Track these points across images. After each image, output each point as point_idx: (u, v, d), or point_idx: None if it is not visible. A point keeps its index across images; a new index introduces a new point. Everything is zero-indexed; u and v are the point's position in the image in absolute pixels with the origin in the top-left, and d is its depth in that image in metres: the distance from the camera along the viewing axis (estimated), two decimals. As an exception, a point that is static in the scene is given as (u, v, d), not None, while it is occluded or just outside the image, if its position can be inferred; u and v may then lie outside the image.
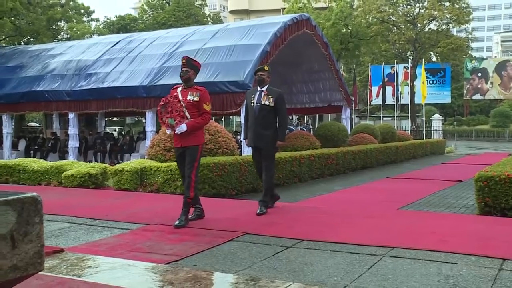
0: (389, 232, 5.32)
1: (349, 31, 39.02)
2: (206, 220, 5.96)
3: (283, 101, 6.73)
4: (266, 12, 59.34)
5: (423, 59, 32.55)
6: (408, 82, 40.70)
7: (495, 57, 68.14)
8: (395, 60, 36.29)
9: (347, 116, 18.29)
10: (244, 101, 7.11)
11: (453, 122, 51.76)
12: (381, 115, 30.04)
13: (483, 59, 55.83)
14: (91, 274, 3.84)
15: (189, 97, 5.87)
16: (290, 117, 25.69)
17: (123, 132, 24.18)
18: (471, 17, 42.38)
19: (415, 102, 39.73)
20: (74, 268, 3.98)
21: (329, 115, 28.54)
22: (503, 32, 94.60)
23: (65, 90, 15.29)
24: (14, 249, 1.84)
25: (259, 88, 6.68)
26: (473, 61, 51.93)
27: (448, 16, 39.94)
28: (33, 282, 3.29)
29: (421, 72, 27.11)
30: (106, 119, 24.96)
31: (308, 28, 14.74)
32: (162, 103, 5.87)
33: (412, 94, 39.80)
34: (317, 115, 29.36)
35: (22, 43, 30.32)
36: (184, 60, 6.03)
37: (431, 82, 43.94)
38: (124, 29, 41.91)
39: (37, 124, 38.21)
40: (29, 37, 31.24)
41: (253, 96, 6.66)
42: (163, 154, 9.24)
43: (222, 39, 13.93)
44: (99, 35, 35.70)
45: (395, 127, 23.83)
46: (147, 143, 11.99)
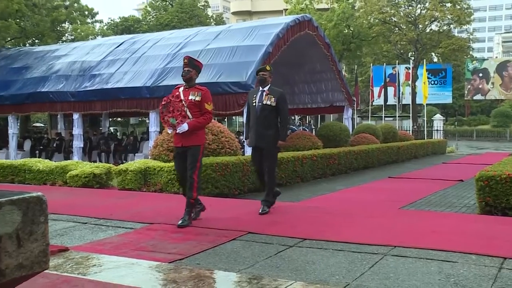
0: (391, 231, 5.32)
1: (351, 32, 38.97)
2: (209, 220, 5.97)
3: (285, 101, 6.68)
4: (269, 14, 59.28)
5: (425, 60, 32.51)
6: (410, 83, 40.58)
7: (496, 58, 67.96)
8: (397, 61, 36.27)
9: (349, 116, 18.27)
10: (247, 102, 7.09)
11: (454, 122, 51.63)
12: (383, 115, 30.03)
13: (484, 60, 55.71)
14: (96, 273, 3.85)
15: (191, 97, 5.83)
16: (293, 117, 25.62)
17: (126, 132, 24.18)
18: (472, 18, 42.31)
19: (417, 103, 39.66)
20: (79, 267, 3.99)
21: (331, 115, 28.53)
22: (504, 33, 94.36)
23: (70, 91, 15.32)
24: (20, 248, 1.85)
25: (261, 88, 6.64)
26: (474, 62, 51.81)
27: (449, 17, 39.88)
28: (39, 281, 3.30)
29: (423, 73, 27.06)
30: (110, 120, 25.01)
31: (310, 29, 14.73)
32: (164, 103, 5.82)
33: (414, 95, 39.71)
34: (319, 116, 29.31)
35: (27, 45, 30.37)
36: (186, 60, 5.99)
37: (433, 83, 43.87)
38: (128, 31, 41.91)
39: (42, 125, 38.27)
40: (34, 39, 31.31)
41: (255, 96, 6.62)
42: (167, 154, 9.25)
43: (225, 40, 13.93)
44: (103, 37, 35.75)
45: (397, 127, 23.81)
46: (151, 143, 12.00)
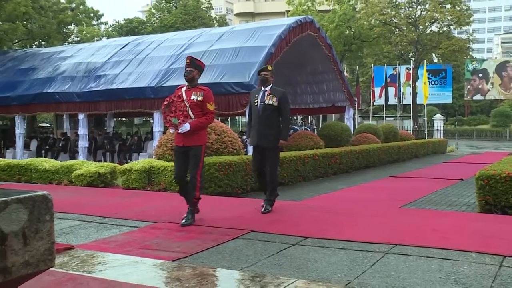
0: (392, 230, 5.31)
1: (352, 33, 38.94)
2: (212, 218, 5.96)
3: (287, 101, 6.65)
4: (271, 15, 59.22)
5: (425, 60, 32.45)
6: (410, 83, 40.52)
7: (496, 58, 67.77)
8: (397, 61, 36.21)
9: (350, 116, 18.26)
10: (249, 101, 7.06)
11: (454, 122, 51.50)
12: (384, 115, 30.00)
13: (484, 60, 55.55)
14: (101, 271, 3.85)
15: (193, 97, 5.77)
16: (295, 117, 25.62)
17: (131, 132, 24.20)
18: (472, 19, 42.24)
19: (417, 103, 39.58)
20: (84, 265, 3.99)
21: (333, 115, 28.56)
22: (503, 34, 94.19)
23: (75, 92, 15.35)
24: (26, 246, 1.85)
25: (263, 88, 6.60)
26: (474, 62, 51.68)
27: (449, 18, 39.81)
28: (45, 278, 3.31)
29: (423, 73, 27.01)
30: (115, 120, 25.04)
31: (312, 30, 14.72)
32: (166, 103, 5.79)
33: (414, 95, 39.61)
34: (321, 115, 29.33)
35: (34, 46, 30.46)
36: (188, 60, 5.94)
37: (433, 83, 43.76)
38: (132, 32, 41.97)
39: (48, 125, 38.35)
40: (41, 40, 31.39)
41: (257, 96, 6.58)
42: (170, 154, 9.24)
43: (228, 41, 13.94)
44: (108, 38, 35.81)
45: (398, 127, 23.77)
46: (155, 143, 12.01)
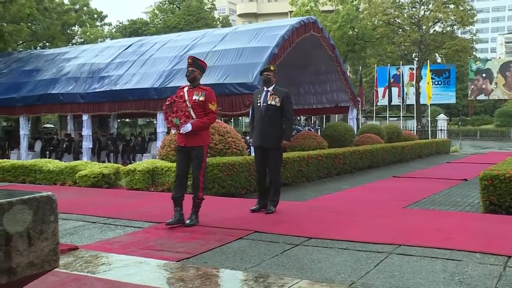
0: (395, 230, 5.30)
1: (355, 34, 38.89)
2: (216, 219, 5.96)
3: (290, 101, 6.61)
4: (274, 16, 59.26)
5: (428, 60, 32.37)
6: (414, 83, 40.55)
7: (499, 58, 67.63)
8: (401, 62, 36.14)
9: (354, 117, 18.25)
10: (252, 102, 7.00)
11: (458, 122, 51.41)
12: (387, 116, 29.91)
13: (487, 60, 55.41)
14: (105, 271, 3.85)
15: (195, 97, 5.73)
16: (298, 118, 25.63)
17: (134, 133, 24.23)
18: (475, 19, 42.13)
19: (421, 103, 39.56)
20: (89, 265, 4.00)
21: (336, 116, 28.44)
22: (507, 34, 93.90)
23: (79, 93, 15.38)
24: (31, 247, 1.86)
25: (265, 88, 6.57)
26: (478, 62, 51.58)
27: (453, 18, 39.68)
28: (49, 279, 3.32)
29: (426, 73, 26.97)
30: (119, 121, 25.08)
31: (315, 31, 14.71)
32: (168, 103, 5.76)
33: (418, 95, 39.64)
34: (324, 116, 29.28)
35: (38, 48, 30.54)
36: (190, 60, 5.92)
37: (436, 83, 43.68)
38: (136, 33, 42.04)
39: (52, 126, 38.43)
40: (45, 42, 31.48)
41: (260, 96, 6.56)
42: (174, 154, 9.23)
43: (231, 42, 13.94)
44: (112, 39, 35.85)
45: (401, 127, 23.75)
46: (158, 144, 12.02)
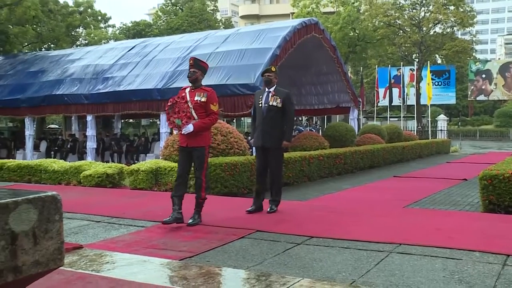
0: (396, 229, 5.30)
1: (356, 35, 38.85)
2: (219, 218, 5.97)
3: (291, 102, 6.59)
4: (276, 17, 59.27)
5: (429, 61, 32.32)
6: (414, 84, 40.49)
7: (499, 59, 67.43)
8: (401, 63, 36.09)
9: (355, 117, 18.24)
10: (253, 102, 6.96)
11: (458, 123, 51.36)
12: (388, 116, 29.90)
13: (487, 61, 55.28)
14: (109, 270, 3.86)
15: (197, 98, 5.74)
16: (300, 118, 25.60)
17: (138, 134, 24.26)
18: (475, 21, 42.00)
19: (421, 103, 39.50)
20: (93, 264, 4.01)
21: (337, 116, 28.41)
22: (507, 35, 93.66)
23: (83, 94, 15.41)
24: (36, 246, 1.86)
25: (267, 89, 6.55)
26: (477, 63, 51.47)
27: (453, 20, 39.59)
28: (54, 277, 3.33)
29: (427, 74, 26.93)
30: (122, 121, 25.09)
31: (317, 32, 14.71)
32: (170, 104, 5.76)
33: (418, 96, 39.58)
34: (326, 116, 29.23)
35: (43, 49, 30.62)
36: (192, 61, 5.92)
37: (436, 84, 43.61)
38: (139, 35, 42.04)
39: (57, 126, 38.48)
40: (50, 43, 31.55)
41: (261, 97, 6.54)
42: (177, 155, 9.23)
43: (234, 43, 13.95)
44: (116, 41, 35.91)
45: (402, 128, 23.73)
46: (162, 144, 12.03)
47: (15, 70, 18.92)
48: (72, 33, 33.98)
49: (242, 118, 38.19)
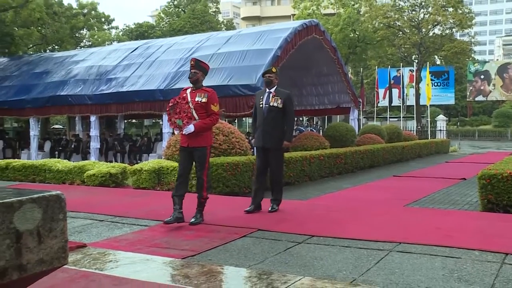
0: (396, 228, 5.29)
1: (357, 36, 38.84)
2: (220, 217, 5.97)
3: (291, 103, 6.58)
4: (277, 19, 59.22)
5: (428, 62, 32.28)
6: (414, 85, 40.46)
7: (497, 60, 67.40)
8: (401, 64, 36.09)
9: (355, 117, 18.22)
10: (254, 103, 6.92)
11: (457, 123, 51.33)
12: (388, 116, 29.89)
13: (486, 62, 55.25)
14: (112, 268, 3.86)
15: (197, 98, 5.72)
16: (301, 118, 25.57)
17: (141, 134, 24.28)
18: (474, 22, 41.94)
19: (420, 104, 39.45)
20: (96, 262, 4.01)
21: (338, 116, 28.43)
22: (505, 36, 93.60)
23: (87, 94, 15.42)
24: (40, 244, 1.86)
25: (267, 90, 6.53)
26: (476, 64, 51.43)
27: (452, 21, 39.54)
28: (59, 275, 3.33)
29: (426, 75, 26.92)
30: (125, 121, 25.11)
31: (317, 33, 14.70)
32: (171, 104, 5.74)
33: (417, 96, 39.54)
34: (326, 117, 29.25)
35: (48, 51, 30.66)
36: (193, 62, 5.89)
37: (436, 84, 43.56)
38: (142, 36, 42.08)
39: (61, 127, 38.54)
40: (54, 45, 31.60)
41: (262, 98, 6.52)
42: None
43: (235, 45, 13.95)
44: (119, 42, 35.93)
45: (401, 128, 23.70)
46: (164, 144, 12.03)
47: (20, 71, 18.96)
48: (76, 35, 34.05)
49: (244, 119, 38.23)
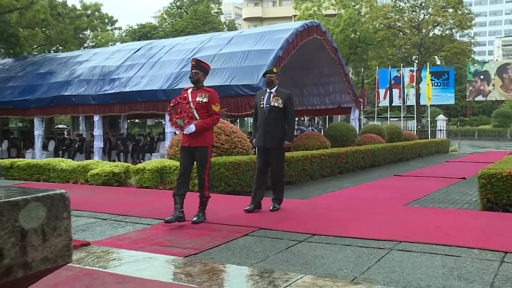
0: (396, 227, 5.29)
1: (357, 37, 38.80)
2: (222, 216, 5.97)
3: (292, 103, 6.57)
4: (278, 19, 59.15)
5: (428, 63, 32.23)
6: (414, 85, 40.42)
7: (497, 61, 67.26)
8: (401, 64, 36.01)
9: (356, 117, 18.21)
10: (255, 103, 6.90)
11: (457, 123, 51.27)
12: (388, 116, 29.84)
13: (485, 63, 55.19)
14: (116, 266, 3.87)
15: (198, 98, 5.72)
16: (302, 118, 25.58)
17: (144, 133, 24.28)
18: (473, 23, 41.86)
19: (421, 104, 39.41)
20: (100, 260, 4.01)
21: (339, 116, 28.42)
22: (504, 37, 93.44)
23: (91, 94, 15.43)
24: (45, 242, 1.86)
25: (268, 90, 6.52)
26: (476, 64, 51.36)
27: (452, 22, 39.48)
28: (63, 273, 3.33)
29: (426, 75, 26.88)
30: (128, 121, 25.12)
31: (318, 34, 14.69)
32: (172, 104, 5.74)
33: (418, 96, 39.49)
34: (327, 116, 29.26)
35: (52, 51, 30.70)
36: (194, 62, 5.89)
37: (436, 85, 43.51)
38: (145, 37, 42.08)
39: (65, 126, 38.57)
40: (58, 46, 31.65)
41: (263, 98, 6.51)
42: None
43: (237, 45, 13.94)
44: (122, 43, 35.95)
45: (402, 127, 23.68)
46: (167, 144, 12.04)
47: (25, 72, 18.98)
48: (80, 36, 34.09)
49: (246, 118, 38.19)
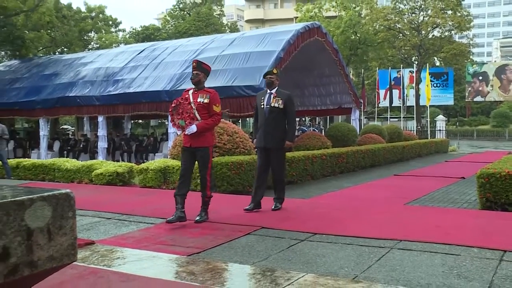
0: (396, 226, 5.28)
1: (358, 38, 38.77)
2: (225, 215, 5.97)
3: (292, 103, 6.54)
4: (280, 21, 59.09)
5: (427, 64, 32.23)
6: (413, 86, 40.39)
7: (495, 62, 67.17)
8: (401, 65, 36.01)
9: (356, 118, 18.20)
10: (255, 103, 6.88)
11: (456, 123, 51.19)
12: (388, 116, 29.82)
13: (484, 64, 55.14)
14: (120, 265, 3.87)
15: (199, 99, 5.71)
16: (303, 119, 25.57)
17: (147, 134, 24.29)
18: (472, 24, 41.80)
19: (420, 104, 39.39)
20: (104, 259, 4.01)
21: (339, 117, 28.40)
22: (502, 38, 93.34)
23: (95, 95, 15.45)
24: (51, 241, 1.87)
25: (269, 91, 6.50)
26: (474, 66, 51.32)
27: (451, 24, 39.43)
28: (68, 272, 3.33)
29: (426, 76, 26.87)
30: (132, 122, 25.14)
31: (319, 36, 14.69)
32: (173, 105, 5.74)
33: (417, 97, 39.47)
34: (328, 117, 29.23)
35: (57, 53, 30.74)
36: (195, 64, 5.89)
37: (435, 85, 43.48)
38: (148, 38, 42.09)
39: (70, 127, 38.61)
40: (63, 47, 31.71)
41: (263, 98, 6.49)
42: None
43: (239, 47, 13.94)
44: (126, 44, 35.98)
45: (402, 128, 23.64)
46: (170, 144, 12.04)
47: (31, 73, 19.02)
48: (84, 38, 34.14)
49: (248, 119, 38.18)
